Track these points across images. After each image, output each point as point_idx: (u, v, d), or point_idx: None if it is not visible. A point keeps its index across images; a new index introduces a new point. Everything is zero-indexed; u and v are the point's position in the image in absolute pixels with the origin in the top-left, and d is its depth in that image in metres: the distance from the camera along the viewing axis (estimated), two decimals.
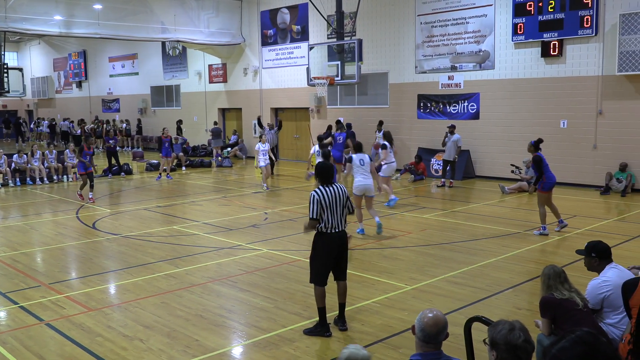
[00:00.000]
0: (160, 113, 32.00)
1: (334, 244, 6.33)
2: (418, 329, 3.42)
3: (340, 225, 6.35)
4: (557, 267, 5.18)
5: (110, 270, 9.23)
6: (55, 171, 19.92)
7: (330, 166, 6.58)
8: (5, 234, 11.99)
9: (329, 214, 6.24)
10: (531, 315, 6.36)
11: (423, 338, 3.39)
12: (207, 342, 6.23)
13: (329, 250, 6.34)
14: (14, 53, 44.23)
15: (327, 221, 6.25)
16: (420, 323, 3.41)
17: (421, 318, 3.42)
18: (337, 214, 6.29)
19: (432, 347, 3.40)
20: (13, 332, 6.60)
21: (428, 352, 3.40)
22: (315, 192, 6.26)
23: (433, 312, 3.44)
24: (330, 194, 6.26)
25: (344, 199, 6.39)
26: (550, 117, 16.86)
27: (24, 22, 21.61)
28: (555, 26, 16.24)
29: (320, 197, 6.20)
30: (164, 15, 23.98)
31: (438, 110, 19.47)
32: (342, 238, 6.40)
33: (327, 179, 6.40)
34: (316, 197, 6.20)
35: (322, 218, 6.23)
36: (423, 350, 3.41)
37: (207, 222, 12.67)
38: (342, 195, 6.36)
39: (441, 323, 3.40)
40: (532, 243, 10.30)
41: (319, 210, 6.19)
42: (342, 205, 6.36)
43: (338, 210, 6.30)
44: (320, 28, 22.79)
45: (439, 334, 3.39)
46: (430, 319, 3.39)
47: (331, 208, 6.24)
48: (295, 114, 24.90)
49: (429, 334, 3.38)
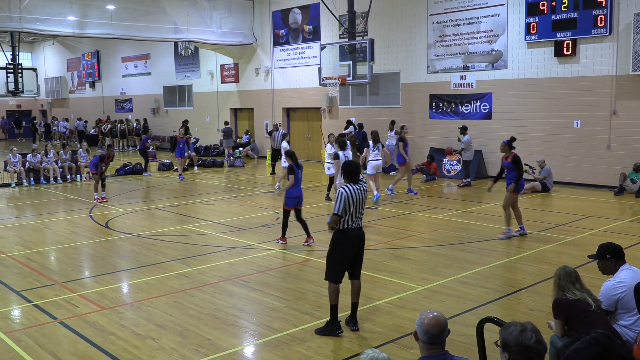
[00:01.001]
0: (172, 113, 32.15)
1: (353, 242, 6.36)
2: (421, 333, 3.37)
3: (360, 223, 6.39)
4: (569, 268, 5.14)
5: (123, 269, 9.28)
6: (68, 170, 20.07)
7: (356, 164, 6.57)
8: (19, 233, 12.10)
9: (353, 211, 6.27)
10: (544, 317, 6.32)
11: (428, 340, 3.36)
12: (219, 342, 6.25)
13: (348, 248, 6.37)
14: (29, 53, 44.62)
15: (350, 219, 6.28)
16: (421, 326, 3.37)
17: (421, 321, 3.38)
18: (359, 212, 6.35)
19: (438, 348, 3.37)
20: (27, 330, 6.66)
21: (434, 354, 3.37)
22: (343, 188, 6.27)
23: (432, 313, 3.41)
24: (356, 192, 6.30)
25: (365, 197, 6.45)
26: (564, 117, 16.75)
27: (38, 23, 21.79)
28: (569, 25, 16.13)
29: (348, 194, 6.22)
30: (177, 16, 24.09)
31: (450, 110, 19.41)
32: (361, 236, 6.45)
33: (354, 178, 6.40)
34: (344, 194, 6.21)
35: (348, 214, 6.25)
36: (429, 352, 3.38)
37: (219, 222, 12.71)
38: (364, 194, 6.41)
39: (442, 321, 3.38)
40: (545, 244, 10.24)
41: (345, 207, 6.20)
42: (364, 203, 6.41)
43: (359, 207, 6.35)
44: (332, 28, 22.78)
45: (442, 332, 3.36)
46: (431, 320, 3.36)
47: (355, 206, 6.27)
48: (307, 114, 24.92)
49: (432, 334, 3.34)
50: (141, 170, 21.79)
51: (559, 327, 5.01)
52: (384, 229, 11.65)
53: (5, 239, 11.45)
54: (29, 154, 19.56)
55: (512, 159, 10.55)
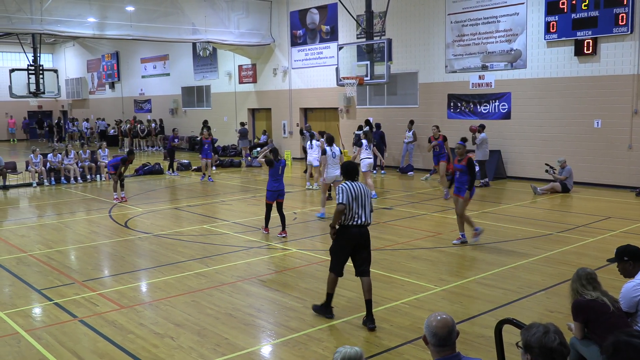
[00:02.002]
0: (190, 113, 32.35)
1: (354, 238, 6.62)
2: (430, 336, 3.36)
3: (366, 219, 6.63)
4: (582, 270, 5.08)
5: (142, 269, 9.36)
6: (88, 170, 20.29)
7: (355, 165, 7.02)
8: (40, 232, 12.26)
9: (356, 205, 6.55)
10: (564, 319, 6.25)
11: (438, 343, 3.34)
12: (237, 341, 6.28)
13: (347, 243, 6.66)
14: (49, 55, 45.22)
15: (355, 213, 6.56)
16: (429, 329, 3.36)
17: (429, 324, 3.38)
18: (364, 208, 6.62)
19: (449, 350, 3.34)
20: (48, 328, 6.74)
21: (446, 357, 3.36)
22: (343, 184, 6.65)
23: (439, 315, 3.41)
24: (356, 187, 6.63)
25: (369, 197, 6.74)
26: (584, 117, 16.56)
27: (59, 25, 22.06)
28: (589, 24, 15.94)
29: (348, 188, 6.59)
30: (195, 17, 24.23)
31: (469, 110, 19.29)
32: (363, 234, 6.67)
33: (352, 176, 6.79)
34: (344, 188, 6.59)
35: (350, 211, 6.53)
36: (440, 355, 3.36)
37: (237, 222, 12.76)
38: (366, 192, 6.71)
39: (450, 322, 3.37)
40: (565, 245, 10.13)
41: (347, 198, 6.51)
42: (368, 202, 6.68)
43: (365, 204, 6.63)
44: (349, 28, 22.76)
45: (451, 333, 3.34)
46: (439, 322, 3.35)
47: (357, 200, 6.57)
48: (325, 114, 24.93)
49: (441, 336, 3.33)
50: (160, 170, 21.96)
51: (578, 329, 4.96)
52: (401, 229, 11.61)
53: (26, 238, 11.61)
54: (50, 154, 19.80)
55: (466, 162, 10.05)
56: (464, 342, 6.03)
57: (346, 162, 7.15)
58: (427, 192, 16.19)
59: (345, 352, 3.21)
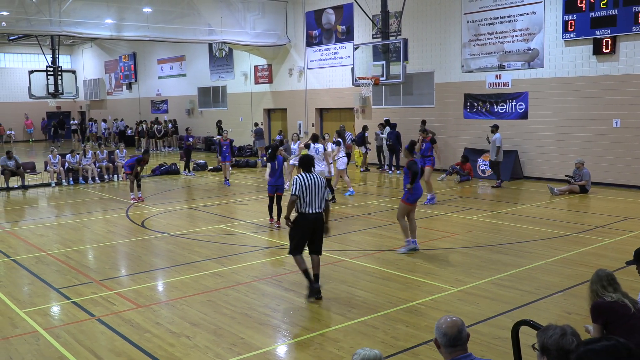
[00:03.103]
0: (207, 114, 32.51)
1: (310, 224, 7.48)
2: (441, 336, 3.41)
3: (318, 207, 7.49)
4: (602, 271, 5.02)
5: (159, 268, 9.42)
6: (106, 171, 20.47)
7: (310, 158, 7.84)
8: (58, 232, 12.39)
9: (309, 196, 7.41)
10: (582, 320, 6.18)
11: (449, 343, 3.39)
12: (252, 341, 6.29)
13: (305, 229, 7.50)
14: (68, 56, 45.68)
15: (308, 202, 7.41)
16: (440, 330, 3.42)
17: (439, 326, 3.45)
18: (316, 197, 7.45)
19: (460, 350, 3.39)
20: (66, 327, 6.81)
21: (458, 357, 3.39)
22: (297, 176, 7.50)
23: (448, 317, 3.49)
24: (309, 179, 7.47)
25: (322, 186, 7.53)
26: (603, 117, 16.37)
27: (77, 26, 22.29)
28: (608, 23, 15.75)
29: (301, 180, 7.42)
30: (211, 17, 24.35)
31: (485, 110, 19.16)
32: (318, 219, 7.52)
33: (307, 168, 7.65)
34: (298, 180, 7.44)
35: (304, 199, 7.38)
36: (452, 356, 3.40)
37: (253, 222, 12.79)
38: (319, 182, 7.52)
39: (459, 323, 3.44)
40: (583, 246, 10.03)
41: (300, 189, 7.36)
42: (322, 191, 7.51)
43: (317, 194, 7.46)
44: (365, 28, 22.73)
45: (461, 332, 3.40)
46: (448, 323, 3.43)
47: (310, 191, 7.41)
48: (340, 115, 24.91)
49: (452, 336, 3.38)
50: (177, 170, 22.09)
51: (597, 331, 4.90)
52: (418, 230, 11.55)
53: (45, 238, 11.74)
54: (68, 155, 20.01)
55: (407, 165, 9.81)
56: (481, 343, 6.00)
57: (302, 155, 7.96)
58: (444, 193, 16.10)
59: (365, 354, 3.21)
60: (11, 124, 42.20)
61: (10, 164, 18.79)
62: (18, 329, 6.77)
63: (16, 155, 19.31)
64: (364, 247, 10.52)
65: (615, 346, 2.42)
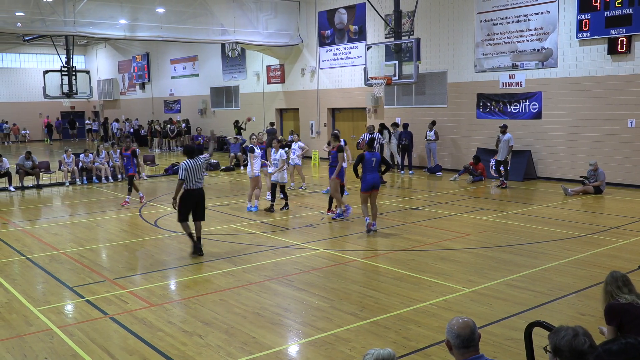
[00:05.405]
0: (219, 114, 32.62)
1: (194, 197, 9.78)
2: (453, 337, 3.41)
3: (198, 184, 9.74)
4: (616, 272, 4.98)
5: (171, 267, 9.47)
6: (119, 170, 20.59)
7: (192, 146, 10.14)
8: (72, 231, 12.49)
9: (192, 177, 9.65)
10: (595, 322, 6.13)
11: (461, 344, 3.39)
12: (264, 340, 6.31)
13: (189, 201, 9.76)
14: (82, 56, 46.07)
15: (191, 181, 9.66)
16: (452, 332, 3.43)
17: (450, 328, 3.45)
18: (197, 177, 9.69)
19: (473, 351, 3.39)
20: (79, 325, 6.86)
21: (470, 358, 3.39)
22: (184, 162, 9.64)
23: (460, 319, 3.49)
24: (192, 163, 9.67)
25: (202, 167, 9.77)
26: (617, 117, 16.23)
27: (91, 27, 22.45)
28: (623, 22, 15.61)
29: (187, 166, 9.61)
30: (224, 18, 24.43)
31: (498, 109, 19.06)
32: (200, 194, 9.83)
33: (190, 155, 9.80)
34: (184, 166, 9.62)
35: (188, 180, 9.59)
36: (465, 357, 3.40)
37: (265, 221, 12.82)
38: (199, 165, 9.72)
39: (470, 323, 3.44)
40: (597, 247, 9.94)
41: (185, 174, 9.59)
42: (200, 171, 9.73)
43: (197, 174, 9.68)
44: (377, 28, 22.70)
45: (473, 333, 3.40)
46: (460, 324, 3.43)
47: (193, 172, 9.65)
48: (352, 114, 24.90)
49: (464, 337, 3.38)
50: None
51: (611, 333, 4.86)
52: (430, 230, 11.53)
53: (59, 236, 11.83)
54: (82, 154, 20.16)
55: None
56: (493, 344, 5.97)
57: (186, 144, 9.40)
58: (456, 193, 16.04)
59: (378, 354, 3.21)
60: (26, 124, 42.59)
61: (27, 164, 18.98)
62: (32, 327, 6.83)
63: (34, 156, 19.47)
64: (375, 247, 10.50)
65: (634, 345, 2.40)
